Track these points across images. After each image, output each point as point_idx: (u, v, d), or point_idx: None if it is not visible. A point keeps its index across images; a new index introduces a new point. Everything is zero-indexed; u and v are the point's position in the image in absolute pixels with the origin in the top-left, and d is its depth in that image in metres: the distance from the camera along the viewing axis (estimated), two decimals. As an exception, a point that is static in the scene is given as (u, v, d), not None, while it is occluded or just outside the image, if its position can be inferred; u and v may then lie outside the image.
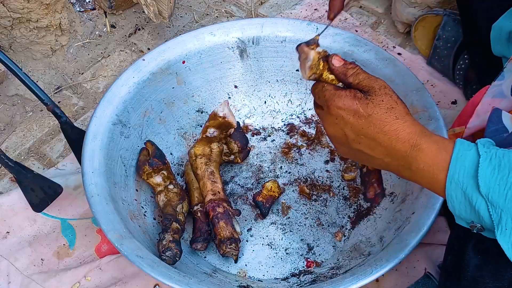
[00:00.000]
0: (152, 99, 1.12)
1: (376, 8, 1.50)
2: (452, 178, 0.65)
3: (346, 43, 1.12)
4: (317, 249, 1.05)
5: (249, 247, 1.05)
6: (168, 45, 1.14)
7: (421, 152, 0.67)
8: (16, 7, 1.26)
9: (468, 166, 0.64)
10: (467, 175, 0.64)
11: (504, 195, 0.62)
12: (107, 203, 0.94)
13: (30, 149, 1.25)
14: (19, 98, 1.32)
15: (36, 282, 1.03)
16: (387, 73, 1.08)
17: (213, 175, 1.05)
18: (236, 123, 1.07)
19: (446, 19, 1.27)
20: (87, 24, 1.45)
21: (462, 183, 0.64)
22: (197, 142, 1.08)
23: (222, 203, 1.01)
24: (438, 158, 0.66)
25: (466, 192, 0.64)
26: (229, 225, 0.99)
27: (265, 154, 1.17)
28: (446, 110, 1.24)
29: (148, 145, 1.09)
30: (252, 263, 1.03)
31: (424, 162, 0.67)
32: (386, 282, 1.02)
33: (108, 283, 1.03)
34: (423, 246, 1.03)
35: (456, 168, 0.65)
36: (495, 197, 0.62)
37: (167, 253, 0.94)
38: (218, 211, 1.00)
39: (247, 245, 1.05)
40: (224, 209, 1.01)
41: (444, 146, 0.67)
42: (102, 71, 1.38)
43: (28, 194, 1.07)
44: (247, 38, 1.16)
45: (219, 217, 1.00)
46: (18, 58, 1.37)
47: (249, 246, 1.05)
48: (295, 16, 1.45)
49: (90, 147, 1.00)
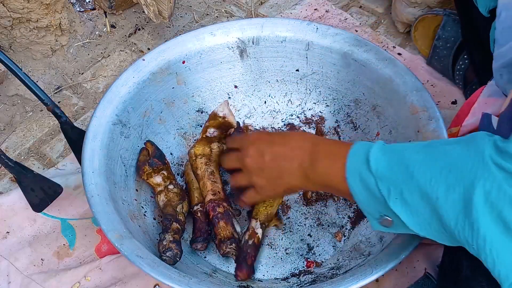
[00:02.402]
0: (152, 99, 1.12)
1: (376, 8, 1.50)
2: (349, 169, 0.72)
3: (346, 43, 1.12)
4: (317, 249, 1.05)
5: (249, 247, 1.05)
6: (168, 45, 1.14)
7: (321, 149, 0.79)
8: (16, 7, 1.26)
9: (362, 153, 0.71)
10: (361, 161, 0.71)
11: (390, 168, 0.68)
12: (107, 203, 0.94)
13: (30, 149, 1.25)
14: (19, 98, 1.32)
15: (36, 282, 1.03)
16: (387, 73, 1.08)
17: (213, 175, 1.04)
18: (236, 123, 1.07)
19: (446, 19, 1.27)
20: (87, 24, 1.45)
21: (357, 169, 0.71)
22: (197, 142, 1.08)
23: (222, 203, 1.01)
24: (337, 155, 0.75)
25: (362, 175, 0.71)
26: (229, 225, 0.99)
27: (265, 154, 1.17)
28: (446, 110, 1.24)
29: (148, 145, 1.09)
30: (252, 263, 1.03)
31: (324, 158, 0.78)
32: (386, 282, 1.02)
33: (108, 283, 1.03)
34: (423, 246, 1.03)
35: (353, 159, 0.73)
36: (382, 170, 0.68)
37: (168, 254, 0.94)
38: (218, 211, 1.00)
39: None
40: (225, 209, 1.01)
41: (343, 144, 0.77)
42: (102, 71, 1.38)
43: (28, 194, 1.07)
44: (247, 38, 1.16)
45: (219, 217, 1.00)
46: (18, 58, 1.37)
47: (249, 246, 1.05)
48: (295, 16, 1.45)
49: (90, 147, 1.00)
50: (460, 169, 0.63)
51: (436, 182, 0.65)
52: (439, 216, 0.65)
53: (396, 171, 0.68)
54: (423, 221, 0.68)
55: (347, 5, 1.51)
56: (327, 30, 1.14)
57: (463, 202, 0.62)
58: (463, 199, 0.62)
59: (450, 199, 0.63)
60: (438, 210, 0.65)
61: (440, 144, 0.68)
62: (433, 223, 0.67)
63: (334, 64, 1.14)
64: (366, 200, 0.72)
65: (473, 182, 0.62)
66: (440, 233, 0.68)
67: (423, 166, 0.66)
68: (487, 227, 0.61)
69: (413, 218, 0.68)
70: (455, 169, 0.64)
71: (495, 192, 0.60)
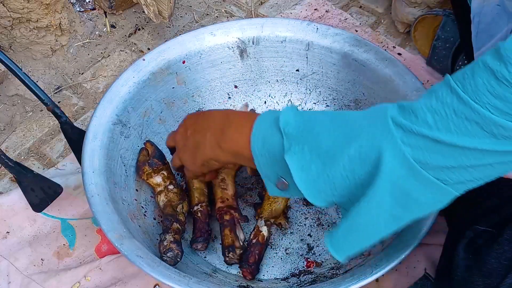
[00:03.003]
0: (152, 99, 1.12)
1: (376, 8, 1.50)
2: (254, 132, 0.73)
3: (346, 43, 1.12)
4: (317, 249, 1.05)
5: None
6: (168, 45, 1.14)
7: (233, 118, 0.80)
8: (16, 7, 1.26)
9: (272, 117, 0.72)
10: (269, 123, 0.72)
11: (297, 127, 0.69)
12: (107, 203, 0.94)
13: (30, 149, 1.25)
14: (19, 98, 1.32)
15: (36, 282, 1.03)
16: (387, 73, 1.08)
17: (224, 182, 1.05)
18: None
19: (445, 19, 1.27)
20: (87, 24, 1.45)
21: (262, 131, 0.72)
22: None
23: (230, 210, 1.01)
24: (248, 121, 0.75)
25: (265, 137, 0.72)
26: (232, 233, 0.99)
27: (265, 154, 1.17)
28: (446, 110, 1.24)
29: (148, 145, 1.09)
30: (252, 263, 1.03)
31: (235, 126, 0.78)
32: (386, 282, 1.02)
33: (108, 283, 1.03)
34: (423, 246, 1.03)
35: (260, 123, 0.73)
36: (289, 129, 0.69)
37: (169, 254, 0.94)
38: (225, 218, 1.00)
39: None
40: (231, 216, 1.01)
41: (256, 114, 0.77)
42: (102, 71, 1.38)
43: (28, 194, 1.07)
44: (247, 38, 1.16)
45: (225, 224, 1.00)
46: (18, 58, 1.37)
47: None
48: (295, 16, 1.46)
49: (90, 147, 1.00)
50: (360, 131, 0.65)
51: (338, 143, 0.66)
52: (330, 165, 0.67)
53: (302, 129, 0.69)
54: (311, 177, 0.68)
55: (347, 5, 1.51)
56: (327, 30, 1.14)
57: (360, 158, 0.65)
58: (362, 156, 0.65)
59: (347, 153, 0.65)
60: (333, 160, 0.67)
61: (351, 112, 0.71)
62: (319, 181, 0.68)
63: (334, 64, 1.14)
64: (266, 162, 0.73)
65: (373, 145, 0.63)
66: (320, 192, 0.69)
67: (328, 130, 0.68)
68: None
69: (302, 173, 0.68)
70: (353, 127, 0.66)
71: (397, 152, 0.62)
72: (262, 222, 1.01)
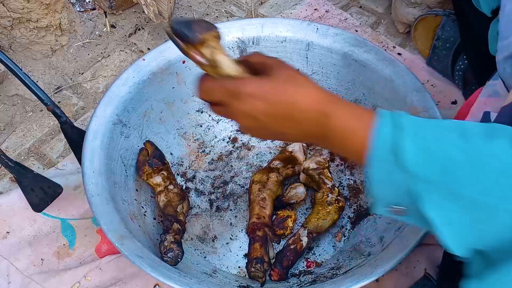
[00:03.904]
0: (152, 99, 1.12)
1: (376, 8, 1.50)
2: (372, 153, 0.60)
3: (346, 43, 1.12)
4: (317, 249, 1.05)
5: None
6: (168, 45, 1.14)
7: (331, 121, 0.63)
8: (16, 7, 1.26)
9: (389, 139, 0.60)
10: (387, 149, 0.59)
11: (429, 167, 0.58)
12: (107, 203, 0.94)
13: (30, 149, 1.25)
14: (19, 98, 1.32)
15: (36, 282, 1.03)
16: (387, 74, 1.08)
17: (264, 201, 1.05)
18: (303, 160, 1.10)
19: (445, 19, 1.27)
20: (87, 24, 1.45)
21: (383, 158, 0.60)
22: (260, 169, 1.11)
23: (264, 228, 1.02)
24: (351, 127, 0.63)
25: (388, 167, 0.59)
26: (263, 248, 0.99)
27: (265, 154, 1.18)
28: (446, 110, 1.24)
29: (148, 146, 1.08)
30: (252, 263, 1.03)
31: (336, 133, 0.63)
32: (386, 282, 1.02)
33: (108, 283, 1.03)
34: (423, 246, 1.03)
35: (377, 142, 0.60)
36: (420, 170, 0.58)
37: (169, 254, 0.94)
38: (257, 233, 1.01)
39: (247, 245, 1.05)
40: (264, 233, 1.01)
41: (359, 114, 0.63)
42: (102, 71, 1.38)
43: (28, 194, 1.07)
44: (247, 38, 1.16)
45: (256, 239, 1.00)
46: (18, 58, 1.37)
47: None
48: (295, 16, 1.45)
49: (90, 147, 1.00)
50: None
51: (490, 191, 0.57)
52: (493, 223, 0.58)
53: (439, 172, 0.58)
54: (457, 231, 0.60)
55: (347, 5, 1.51)
56: (327, 30, 1.14)
57: None
58: None
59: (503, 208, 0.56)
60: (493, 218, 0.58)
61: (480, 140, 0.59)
62: (467, 235, 0.60)
63: (334, 64, 1.14)
64: (385, 189, 0.62)
65: None
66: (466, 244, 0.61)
67: (469, 171, 0.58)
68: None
69: (449, 228, 0.60)
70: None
71: None
72: (305, 232, 1.01)
